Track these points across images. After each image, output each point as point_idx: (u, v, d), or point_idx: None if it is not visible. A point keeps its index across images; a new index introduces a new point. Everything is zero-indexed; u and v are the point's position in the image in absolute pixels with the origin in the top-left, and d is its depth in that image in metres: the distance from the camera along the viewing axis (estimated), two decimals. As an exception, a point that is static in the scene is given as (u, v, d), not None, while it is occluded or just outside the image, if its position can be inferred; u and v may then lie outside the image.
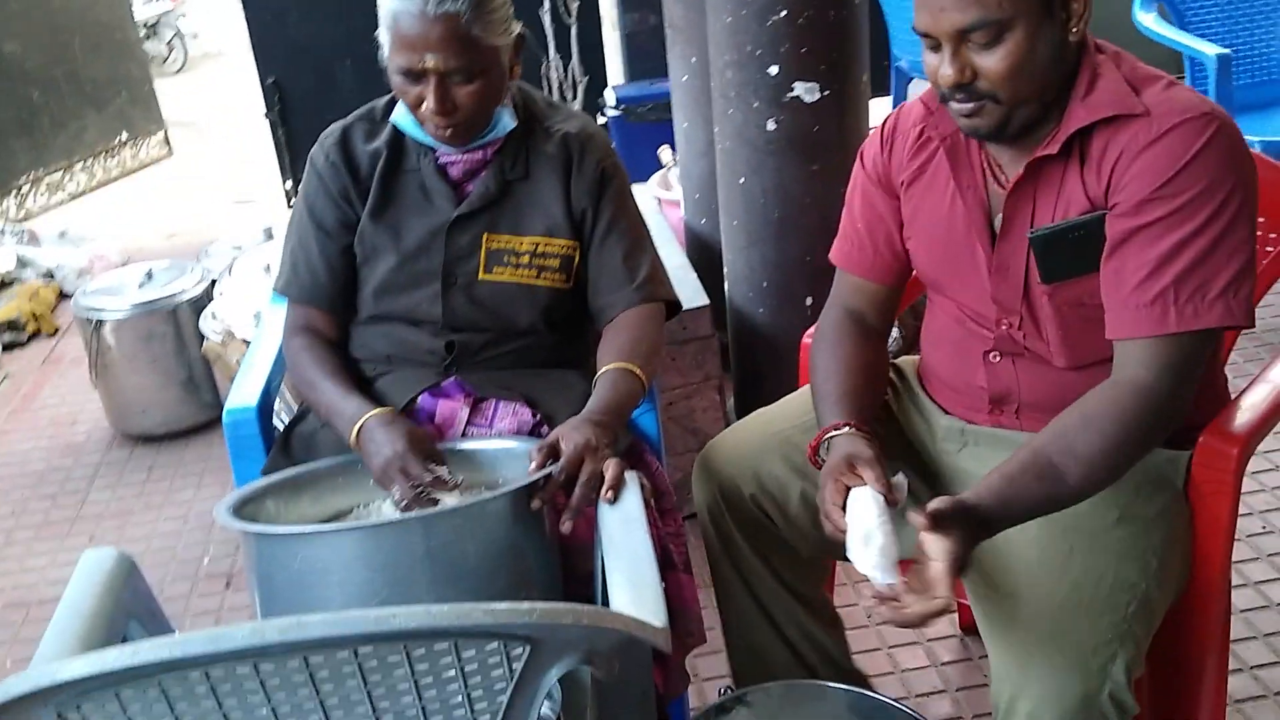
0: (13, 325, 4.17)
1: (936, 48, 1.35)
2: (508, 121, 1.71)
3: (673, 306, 1.82)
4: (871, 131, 1.63)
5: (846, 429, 1.49)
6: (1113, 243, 1.36)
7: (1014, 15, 1.29)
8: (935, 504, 1.27)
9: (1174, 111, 1.32)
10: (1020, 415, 1.55)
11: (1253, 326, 1.37)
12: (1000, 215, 1.46)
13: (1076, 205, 1.39)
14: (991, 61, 1.32)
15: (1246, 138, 1.38)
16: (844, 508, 1.41)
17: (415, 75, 1.60)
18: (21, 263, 4.63)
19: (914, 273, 1.65)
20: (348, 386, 1.70)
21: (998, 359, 1.54)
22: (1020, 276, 1.46)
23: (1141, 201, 1.32)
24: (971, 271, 1.51)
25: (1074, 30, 1.34)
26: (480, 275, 1.72)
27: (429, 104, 1.60)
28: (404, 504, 1.51)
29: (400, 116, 1.72)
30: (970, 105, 1.36)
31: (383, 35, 1.62)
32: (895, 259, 1.63)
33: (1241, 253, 1.32)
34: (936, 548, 1.24)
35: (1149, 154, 1.32)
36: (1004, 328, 1.51)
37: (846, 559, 1.39)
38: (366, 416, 1.61)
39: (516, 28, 1.67)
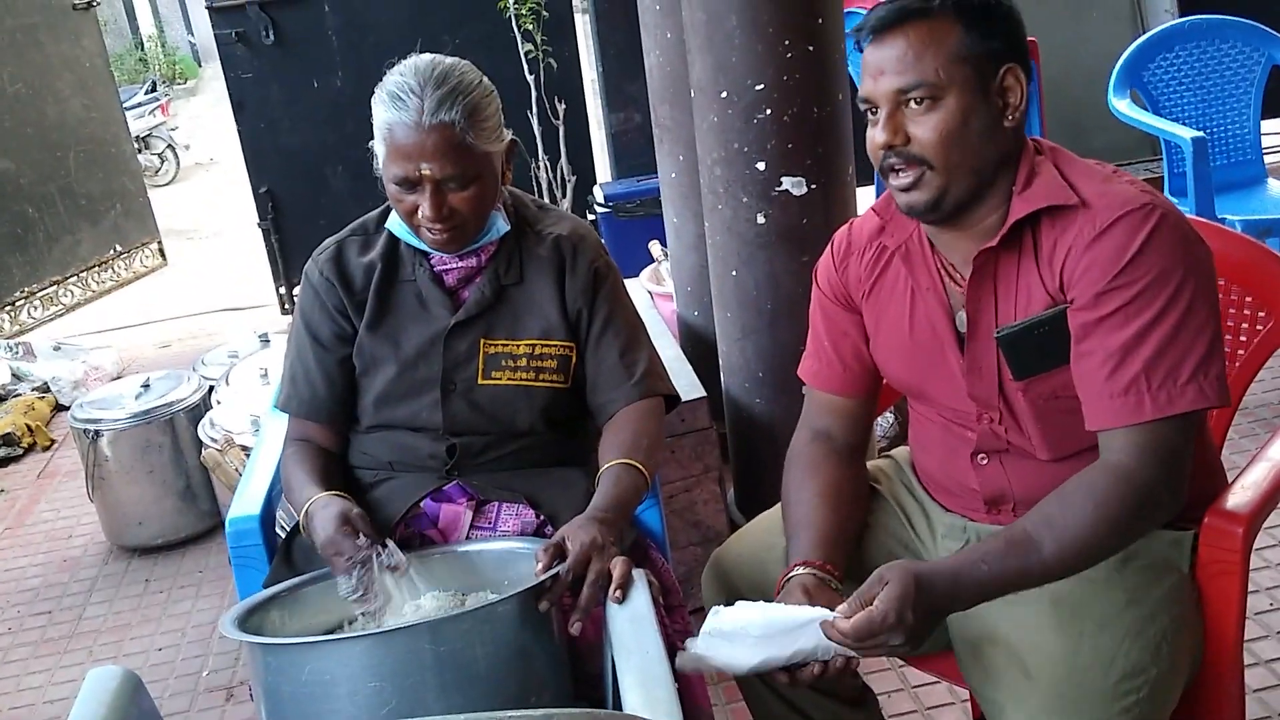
0: (7, 440, 4.16)
1: (877, 116, 1.41)
2: (501, 225, 1.74)
3: (672, 399, 1.83)
4: (824, 252, 1.67)
5: (805, 569, 1.49)
6: (1077, 337, 1.39)
7: (948, 84, 1.36)
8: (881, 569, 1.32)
9: (1114, 205, 1.36)
10: (1017, 513, 1.54)
11: (1228, 404, 1.39)
12: (961, 313, 1.48)
13: (1037, 300, 1.42)
14: (924, 128, 1.37)
15: (1226, 218, 1.42)
16: None
17: (411, 184, 1.62)
18: (16, 376, 4.63)
19: (884, 382, 1.67)
20: (309, 480, 1.70)
21: (985, 460, 1.54)
22: (993, 373, 1.48)
23: (1098, 294, 1.35)
24: (944, 372, 1.53)
25: (1009, 118, 1.40)
26: (479, 380, 1.73)
27: (425, 211, 1.63)
28: (351, 588, 1.53)
29: (395, 224, 1.74)
30: (908, 176, 1.40)
31: (377, 146, 1.65)
32: (865, 371, 1.65)
33: (1205, 334, 1.34)
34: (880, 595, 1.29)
35: (1097, 247, 1.36)
36: (985, 423, 1.52)
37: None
38: (308, 503, 1.63)
39: (508, 135, 1.70)
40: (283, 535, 1.85)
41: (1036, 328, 1.41)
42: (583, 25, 5.20)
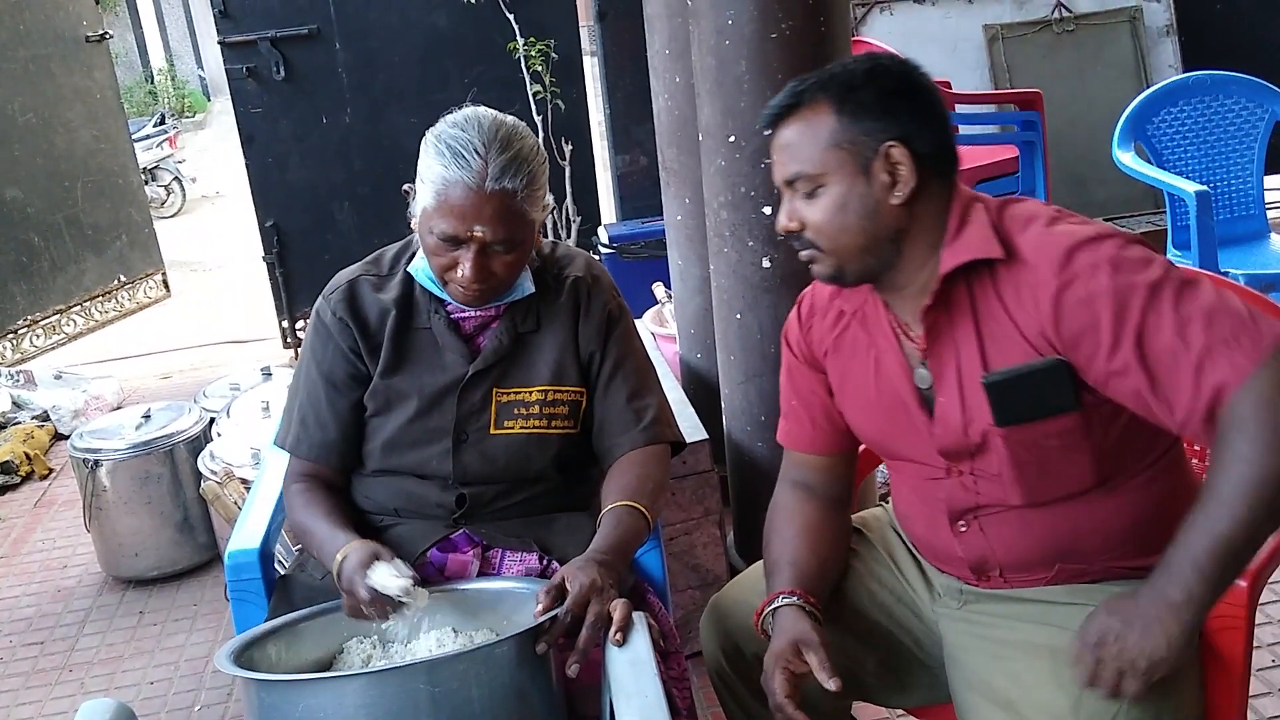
0: (5, 468, 4.15)
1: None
2: (527, 286, 1.72)
3: (677, 445, 1.82)
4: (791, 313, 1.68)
5: (791, 598, 1.50)
6: (1123, 366, 1.31)
7: (826, 173, 1.41)
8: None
9: (1064, 244, 1.34)
10: (1005, 577, 1.53)
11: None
12: (920, 370, 1.48)
13: (1016, 347, 1.38)
14: (810, 213, 1.43)
15: (1230, 271, 1.41)
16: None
17: (457, 242, 1.59)
18: (16, 404, 4.63)
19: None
20: (338, 524, 1.66)
21: (965, 528, 1.53)
22: (959, 424, 1.45)
23: (1114, 338, 1.31)
24: (909, 428, 1.52)
25: (896, 195, 1.39)
26: (491, 430, 1.71)
27: (464, 271, 1.59)
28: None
29: (419, 270, 1.70)
30: (807, 254, 1.46)
31: (425, 197, 1.59)
32: (835, 430, 1.65)
33: (1213, 290, 1.30)
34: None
35: (1070, 294, 1.32)
36: (955, 476, 1.50)
37: (865, 699, 1.37)
38: (345, 549, 1.58)
39: (550, 201, 1.69)
40: (282, 571, 1.84)
41: (1030, 376, 1.38)
42: (591, 68, 5.25)
